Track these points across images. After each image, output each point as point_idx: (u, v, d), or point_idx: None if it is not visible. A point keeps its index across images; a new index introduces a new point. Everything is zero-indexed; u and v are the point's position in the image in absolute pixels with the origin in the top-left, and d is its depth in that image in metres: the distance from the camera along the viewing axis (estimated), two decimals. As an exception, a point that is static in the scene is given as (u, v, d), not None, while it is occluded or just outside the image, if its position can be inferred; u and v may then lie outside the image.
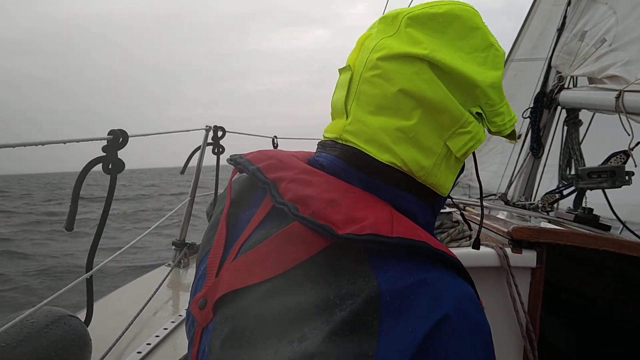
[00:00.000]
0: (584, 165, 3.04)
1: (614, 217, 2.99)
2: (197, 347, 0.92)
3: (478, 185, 1.17)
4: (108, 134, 1.68)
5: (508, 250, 1.76)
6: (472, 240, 1.86)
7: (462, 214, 1.28)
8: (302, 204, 0.85)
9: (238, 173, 1.08)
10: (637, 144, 2.60)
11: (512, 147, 4.49)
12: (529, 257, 1.77)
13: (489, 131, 1.00)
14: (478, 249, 1.14)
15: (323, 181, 0.91)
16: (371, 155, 0.92)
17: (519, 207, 3.27)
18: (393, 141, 0.91)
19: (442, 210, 1.89)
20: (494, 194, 3.93)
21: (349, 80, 0.98)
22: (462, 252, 1.77)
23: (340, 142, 0.97)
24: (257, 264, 0.88)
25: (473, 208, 2.77)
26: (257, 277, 0.85)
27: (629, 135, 2.63)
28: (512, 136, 1.08)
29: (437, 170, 0.94)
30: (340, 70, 1.03)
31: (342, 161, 0.95)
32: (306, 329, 0.76)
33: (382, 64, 0.93)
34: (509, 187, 3.55)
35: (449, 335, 0.75)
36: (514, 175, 3.53)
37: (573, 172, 3.08)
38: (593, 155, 3.14)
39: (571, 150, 3.21)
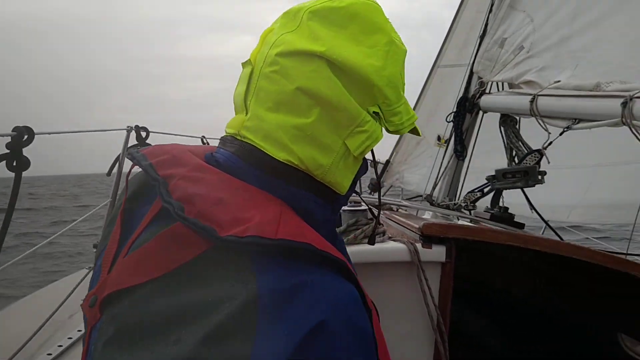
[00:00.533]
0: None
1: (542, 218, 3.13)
2: (87, 345, 0.90)
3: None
4: (12, 131, 1.63)
5: (419, 245, 1.82)
6: (386, 236, 1.91)
7: (370, 210, 1.31)
8: (188, 203, 0.84)
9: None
10: (549, 144, 2.73)
11: (438, 150, 4.61)
12: (438, 252, 1.83)
13: (387, 130, 1.02)
14: (372, 244, 1.17)
15: (215, 179, 0.91)
16: (268, 153, 0.92)
17: (443, 207, 3.36)
18: (290, 139, 0.91)
19: (357, 208, 1.93)
20: (421, 196, 4.03)
21: (249, 75, 0.98)
22: (375, 249, 1.81)
23: (239, 138, 0.96)
24: (141, 263, 0.87)
25: (394, 208, 2.82)
26: (141, 277, 0.84)
27: (548, 133, 2.76)
28: (414, 132, 1.10)
29: (335, 168, 0.95)
30: (243, 64, 1.02)
31: (239, 158, 0.94)
32: (183, 331, 0.76)
33: (280, 60, 0.93)
34: (434, 188, 3.64)
35: (326, 339, 0.76)
36: (439, 177, 3.62)
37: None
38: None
39: (512, 145, 3.33)
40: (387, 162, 5.64)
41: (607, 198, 4.53)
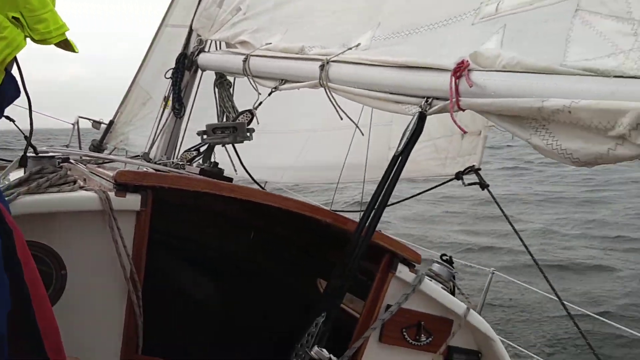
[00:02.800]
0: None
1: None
2: None
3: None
4: None
5: (112, 194, 1.73)
6: (76, 185, 1.78)
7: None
8: None
9: None
10: (259, 104, 2.84)
11: (161, 111, 4.51)
12: (133, 201, 1.76)
13: (33, 40, 0.94)
14: (25, 166, 1.08)
15: None
16: None
17: (161, 165, 3.29)
18: None
19: (44, 155, 1.77)
20: (139, 155, 3.90)
21: None
22: (63, 197, 1.68)
23: None
24: None
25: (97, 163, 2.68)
26: None
27: (259, 93, 2.87)
28: (67, 47, 1.03)
29: None
30: None
31: None
32: None
33: None
34: (151, 147, 3.55)
35: None
36: (157, 134, 3.54)
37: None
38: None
39: (224, 108, 3.35)
40: (111, 122, 5.35)
41: (316, 160, 4.94)
